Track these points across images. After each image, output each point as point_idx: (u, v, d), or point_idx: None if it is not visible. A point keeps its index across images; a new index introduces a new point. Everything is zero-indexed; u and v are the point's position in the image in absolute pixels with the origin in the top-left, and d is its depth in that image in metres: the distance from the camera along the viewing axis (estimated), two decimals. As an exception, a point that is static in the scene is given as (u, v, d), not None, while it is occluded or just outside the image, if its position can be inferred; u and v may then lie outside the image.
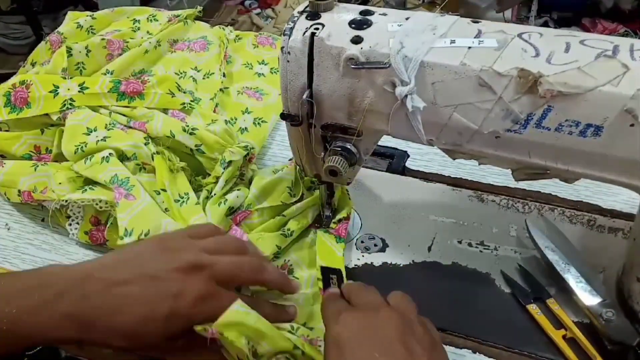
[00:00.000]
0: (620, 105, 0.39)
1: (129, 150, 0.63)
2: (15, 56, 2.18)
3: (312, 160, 0.56)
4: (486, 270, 0.57)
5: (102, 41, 0.76)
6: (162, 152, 0.64)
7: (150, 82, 0.69)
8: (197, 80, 0.78)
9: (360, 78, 0.47)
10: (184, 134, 0.64)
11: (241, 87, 0.80)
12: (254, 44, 0.88)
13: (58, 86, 0.67)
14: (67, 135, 0.64)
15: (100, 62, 0.76)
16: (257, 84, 0.81)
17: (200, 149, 0.64)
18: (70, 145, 0.64)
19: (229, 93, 0.79)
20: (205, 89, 0.77)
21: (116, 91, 0.68)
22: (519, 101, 0.42)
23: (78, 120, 0.65)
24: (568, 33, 0.44)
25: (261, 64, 0.85)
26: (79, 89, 0.67)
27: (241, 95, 0.79)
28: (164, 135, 0.64)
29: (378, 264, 0.59)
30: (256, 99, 0.78)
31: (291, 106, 0.51)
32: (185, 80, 0.78)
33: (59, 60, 0.71)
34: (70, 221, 0.62)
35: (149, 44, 0.79)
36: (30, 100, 0.67)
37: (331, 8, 0.49)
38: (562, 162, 0.44)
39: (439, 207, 0.64)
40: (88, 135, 0.64)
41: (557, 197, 0.64)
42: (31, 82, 0.67)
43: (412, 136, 0.47)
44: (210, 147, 0.64)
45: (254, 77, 0.82)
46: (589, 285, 0.51)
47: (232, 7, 2.44)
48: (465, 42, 0.44)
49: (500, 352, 0.51)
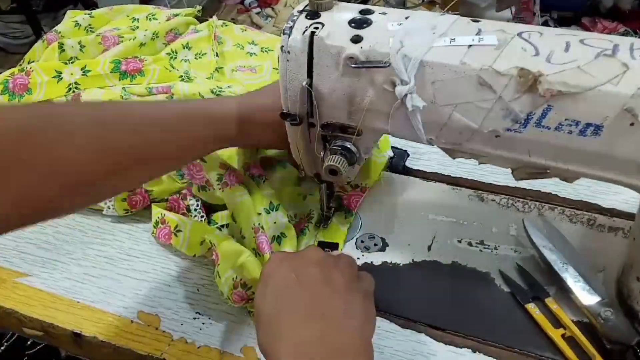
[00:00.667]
0: (620, 105, 0.39)
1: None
2: (15, 55, 2.18)
3: (312, 160, 0.56)
4: (486, 269, 0.57)
5: (97, 37, 0.77)
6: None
7: (147, 60, 0.72)
8: (190, 61, 0.79)
9: (360, 77, 0.47)
10: (211, 95, 0.66)
11: (235, 65, 0.80)
12: (242, 29, 0.89)
13: (61, 72, 0.68)
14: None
15: (95, 56, 0.77)
16: (250, 62, 0.81)
17: None
18: None
19: (223, 72, 0.79)
20: (199, 69, 0.78)
21: (117, 71, 0.70)
22: (518, 100, 0.42)
23: (93, 96, 0.67)
24: (568, 32, 0.44)
25: (251, 44, 0.85)
26: (82, 73, 0.68)
27: (235, 73, 0.79)
28: (191, 95, 0.66)
29: (378, 263, 0.59)
30: (250, 71, 0.79)
31: (291, 105, 0.51)
32: (177, 62, 0.79)
33: (50, 55, 0.72)
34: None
35: (143, 37, 0.79)
36: (30, 86, 0.67)
37: (331, 7, 0.49)
38: (562, 161, 0.44)
39: (439, 207, 0.64)
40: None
41: (557, 196, 0.64)
42: (31, 69, 0.68)
43: (412, 135, 0.47)
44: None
45: (246, 56, 0.83)
46: (587, 284, 0.51)
47: (232, 7, 2.44)
48: (465, 41, 0.44)
49: (500, 352, 0.51)
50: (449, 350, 0.51)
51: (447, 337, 0.52)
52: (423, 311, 0.54)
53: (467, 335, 0.52)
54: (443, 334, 0.52)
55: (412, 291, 0.56)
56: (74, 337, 0.55)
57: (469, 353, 0.51)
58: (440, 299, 0.55)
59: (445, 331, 0.52)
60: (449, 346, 0.51)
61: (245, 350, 0.52)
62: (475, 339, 0.52)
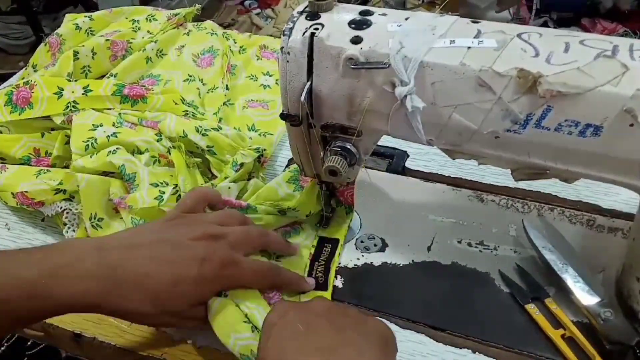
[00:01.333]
0: (620, 105, 0.39)
1: (142, 145, 0.63)
2: (15, 56, 2.19)
3: (311, 160, 0.56)
4: (486, 270, 0.57)
5: (106, 42, 0.76)
6: (179, 147, 0.64)
7: (154, 91, 0.70)
8: (201, 94, 0.77)
9: (360, 78, 0.47)
10: (196, 134, 0.64)
11: (246, 101, 0.79)
12: (257, 55, 0.87)
13: (63, 88, 0.67)
14: (75, 134, 0.64)
15: (105, 63, 0.76)
16: (263, 96, 0.80)
17: (211, 150, 0.64)
18: (78, 141, 0.63)
19: (233, 108, 0.77)
20: (208, 104, 0.76)
21: (119, 94, 0.68)
22: (518, 101, 0.42)
23: (84, 119, 0.66)
24: (567, 33, 0.44)
25: (266, 75, 0.83)
26: (82, 92, 0.67)
27: (246, 110, 0.77)
28: (176, 134, 0.65)
29: (378, 263, 0.59)
30: (262, 107, 0.77)
31: (291, 106, 0.51)
32: (190, 86, 0.77)
33: (65, 64, 0.72)
34: (66, 228, 0.61)
35: (151, 50, 0.79)
36: (32, 100, 0.67)
37: (331, 8, 0.49)
38: (562, 162, 0.44)
39: (439, 207, 0.64)
40: (95, 130, 0.64)
41: (556, 197, 0.64)
42: (35, 82, 0.68)
43: (412, 136, 0.47)
44: (222, 148, 0.64)
45: (259, 89, 0.81)
46: (586, 285, 0.51)
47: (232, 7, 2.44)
48: (465, 42, 0.44)
49: (500, 352, 0.51)
50: (448, 350, 0.51)
51: (447, 337, 0.52)
52: (423, 311, 0.54)
53: (466, 336, 0.52)
54: (443, 335, 0.52)
55: (412, 291, 0.56)
56: (74, 338, 0.55)
57: (469, 353, 0.51)
58: (440, 300, 0.55)
59: (445, 331, 0.52)
60: (449, 347, 0.51)
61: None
62: (475, 339, 0.52)
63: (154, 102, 0.69)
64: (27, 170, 0.65)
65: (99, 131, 0.64)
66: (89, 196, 0.59)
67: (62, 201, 0.61)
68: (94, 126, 0.65)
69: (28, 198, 0.61)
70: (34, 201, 0.61)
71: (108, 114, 0.67)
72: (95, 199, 0.59)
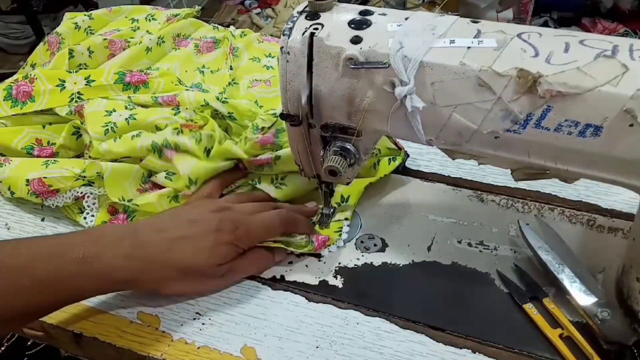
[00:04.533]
0: (620, 106, 0.39)
1: (162, 123, 0.64)
2: (15, 56, 2.19)
3: (311, 160, 0.56)
4: (486, 270, 0.57)
5: (104, 41, 0.76)
6: (200, 113, 0.66)
7: (153, 74, 0.71)
8: (205, 73, 0.79)
9: (360, 78, 0.47)
10: (217, 102, 0.65)
11: (250, 80, 0.80)
12: (258, 39, 0.88)
13: (64, 80, 0.68)
14: (90, 121, 0.65)
15: (103, 62, 0.76)
16: (266, 76, 0.81)
17: (232, 115, 0.65)
18: (97, 126, 0.64)
19: (238, 87, 0.79)
20: (213, 82, 0.77)
21: (121, 82, 0.69)
22: (518, 101, 0.42)
23: (95, 107, 0.66)
24: (567, 33, 0.44)
25: (268, 56, 0.85)
26: (85, 82, 0.68)
27: (250, 89, 0.78)
28: (197, 104, 0.65)
29: (378, 263, 0.59)
30: (265, 84, 0.78)
31: (290, 106, 0.51)
32: (191, 73, 0.78)
33: (60, 62, 0.72)
34: (85, 214, 0.62)
35: (149, 41, 0.79)
36: (34, 94, 0.67)
37: (330, 8, 0.49)
38: (562, 162, 0.44)
39: (439, 207, 0.64)
40: (110, 116, 0.65)
41: (556, 197, 0.64)
42: (35, 76, 0.68)
43: (412, 136, 0.47)
44: (241, 114, 0.66)
45: (262, 69, 0.83)
46: (583, 285, 0.51)
47: (232, 7, 2.44)
48: (465, 42, 0.44)
49: (499, 352, 0.51)
50: (448, 350, 0.51)
51: (447, 337, 0.52)
52: (423, 311, 0.54)
53: (466, 336, 0.52)
54: (443, 335, 0.52)
55: (412, 291, 0.56)
56: (74, 338, 0.55)
57: (469, 353, 0.51)
58: (440, 300, 0.55)
59: (445, 331, 0.52)
60: (449, 347, 0.51)
61: (245, 351, 0.52)
62: (475, 339, 0.52)
63: (155, 86, 0.70)
64: (33, 162, 0.65)
65: (114, 116, 0.65)
66: (115, 181, 0.61)
67: (81, 187, 0.62)
68: (108, 112, 0.65)
69: (45, 185, 0.62)
70: (49, 189, 0.62)
71: (117, 100, 0.68)
72: (120, 185, 0.62)
